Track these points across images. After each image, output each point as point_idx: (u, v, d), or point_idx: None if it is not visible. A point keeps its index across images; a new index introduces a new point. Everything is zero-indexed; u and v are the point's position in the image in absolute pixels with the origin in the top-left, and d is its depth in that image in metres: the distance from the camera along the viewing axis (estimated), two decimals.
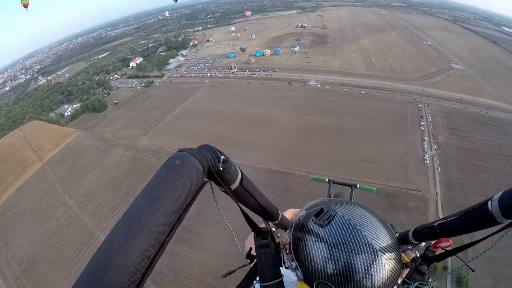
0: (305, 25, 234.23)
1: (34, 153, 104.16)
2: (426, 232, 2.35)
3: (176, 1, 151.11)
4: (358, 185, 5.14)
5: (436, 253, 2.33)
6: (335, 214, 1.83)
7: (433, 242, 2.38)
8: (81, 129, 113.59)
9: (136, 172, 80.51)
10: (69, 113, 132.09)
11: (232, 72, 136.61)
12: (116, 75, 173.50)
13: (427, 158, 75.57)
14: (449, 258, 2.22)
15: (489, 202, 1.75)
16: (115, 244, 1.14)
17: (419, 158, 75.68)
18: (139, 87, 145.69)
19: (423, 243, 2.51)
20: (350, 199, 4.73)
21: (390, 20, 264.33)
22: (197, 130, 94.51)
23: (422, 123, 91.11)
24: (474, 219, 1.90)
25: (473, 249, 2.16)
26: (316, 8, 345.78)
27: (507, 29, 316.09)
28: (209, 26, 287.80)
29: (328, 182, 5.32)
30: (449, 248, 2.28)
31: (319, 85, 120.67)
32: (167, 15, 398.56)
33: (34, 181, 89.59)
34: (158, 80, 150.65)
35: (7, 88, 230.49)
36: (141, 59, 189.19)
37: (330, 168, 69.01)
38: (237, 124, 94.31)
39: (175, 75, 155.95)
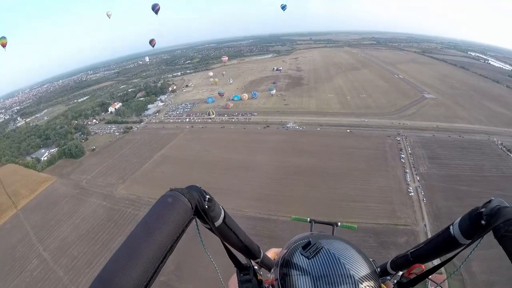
0: (281, 68, 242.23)
1: (8, 198, 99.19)
2: (401, 262, 2.70)
3: (153, 46, 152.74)
4: (339, 223, 5.14)
5: (411, 279, 2.50)
6: (322, 247, 1.94)
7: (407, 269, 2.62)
8: (57, 176, 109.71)
9: (113, 223, 76.69)
10: (45, 158, 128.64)
11: (210, 118, 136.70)
12: (94, 120, 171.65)
13: (411, 191, 74.82)
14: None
15: (451, 226, 2.13)
16: (118, 267, 1.41)
17: (403, 191, 74.75)
18: (117, 133, 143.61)
19: (400, 272, 2.76)
20: None
21: (361, 58, 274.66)
22: (176, 177, 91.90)
23: (402, 155, 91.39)
24: (440, 243, 2.26)
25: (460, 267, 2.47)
26: (291, 52, 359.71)
27: (473, 54, 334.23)
28: (188, 71, 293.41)
29: (310, 221, 5.24)
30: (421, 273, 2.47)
31: (297, 127, 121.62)
32: (147, 60, 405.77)
33: (7, 228, 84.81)
34: (137, 126, 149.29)
35: None
36: (120, 104, 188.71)
37: (313, 210, 67.05)
38: (217, 170, 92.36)
39: (154, 121, 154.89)
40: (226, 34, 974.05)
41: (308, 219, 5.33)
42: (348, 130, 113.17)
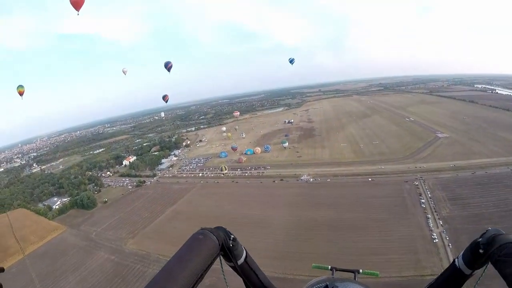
0: (292, 120, 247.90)
1: (16, 242, 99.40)
2: None
3: (166, 102, 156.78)
4: (361, 270, 4.80)
5: None
6: None
7: None
8: (67, 225, 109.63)
9: (120, 279, 73.63)
10: (57, 207, 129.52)
11: (223, 174, 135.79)
12: (108, 172, 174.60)
13: (435, 237, 70.73)
14: None
15: (456, 259, 2.38)
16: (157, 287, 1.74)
17: (427, 239, 70.70)
18: (130, 186, 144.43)
19: None
20: None
21: (371, 104, 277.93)
22: (187, 234, 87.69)
23: (422, 200, 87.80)
24: (448, 276, 2.45)
25: None
26: (301, 104, 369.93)
27: (480, 86, 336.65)
28: (201, 126, 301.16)
29: (331, 269, 4.94)
30: None
31: (311, 179, 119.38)
32: (163, 115, 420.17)
33: (13, 272, 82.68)
34: (150, 180, 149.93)
35: (1, 170, 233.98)
36: (134, 157, 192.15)
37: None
38: (230, 227, 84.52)
39: (167, 175, 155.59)
40: (238, 90, 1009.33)
41: (329, 267, 5.14)
42: (370, 179, 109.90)
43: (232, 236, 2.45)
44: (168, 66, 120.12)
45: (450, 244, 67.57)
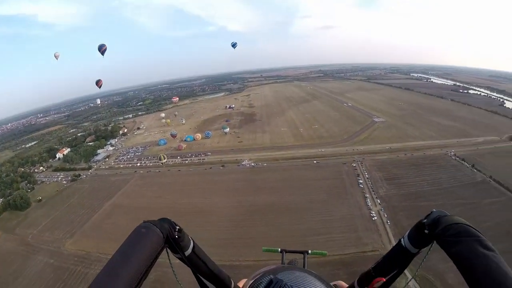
0: (233, 106, 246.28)
1: None
2: (365, 278, 2.87)
3: (100, 87, 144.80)
4: (309, 251, 4.94)
5: None
6: (284, 285, 1.88)
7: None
8: (1, 230, 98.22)
9: (62, 284, 67.95)
10: None
11: (162, 163, 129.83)
12: (42, 167, 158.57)
13: (374, 215, 74.55)
14: None
15: (402, 239, 2.48)
16: (100, 287, 1.68)
17: (366, 217, 74.24)
18: (64, 181, 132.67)
19: None
20: (304, 266, 4.58)
21: (310, 90, 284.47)
22: (127, 229, 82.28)
23: (360, 181, 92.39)
24: (395, 255, 2.56)
25: None
26: (242, 89, 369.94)
27: (415, 75, 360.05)
28: (139, 113, 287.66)
29: (281, 251, 5.03)
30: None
31: (252, 164, 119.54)
32: (99, 102, 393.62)
33: None
34: (86, 173, 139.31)
35: None
36: (68, 149, 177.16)
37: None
38: (171, 218, 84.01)
39: (103, 167, 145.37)
40: (179, 75, 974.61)
41: (279, 249, 5.05)
42: (315, 161, 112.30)
43: (177, 227, 2.36)
44: (102, 49, 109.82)
45: (388, 221, 71.68)
